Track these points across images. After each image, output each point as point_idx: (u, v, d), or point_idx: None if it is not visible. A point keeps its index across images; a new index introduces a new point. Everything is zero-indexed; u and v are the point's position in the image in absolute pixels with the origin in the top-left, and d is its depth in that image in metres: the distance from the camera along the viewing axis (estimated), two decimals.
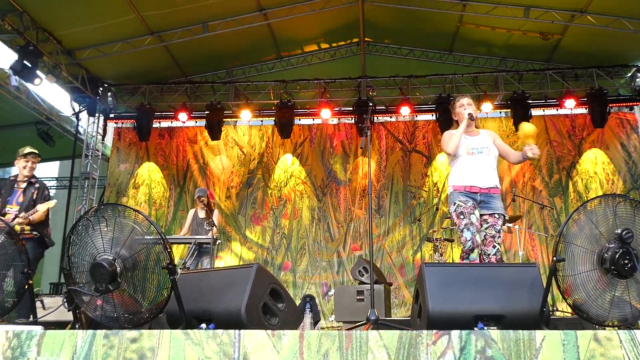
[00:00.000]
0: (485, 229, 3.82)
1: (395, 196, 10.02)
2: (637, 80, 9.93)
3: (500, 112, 10.34)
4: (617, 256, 2.64)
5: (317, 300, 9.42)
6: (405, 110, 9.76)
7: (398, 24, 9.79)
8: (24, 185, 5.11)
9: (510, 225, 7.81)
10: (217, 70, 10.66)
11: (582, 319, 2.83)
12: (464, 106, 4.08)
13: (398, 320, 4.49)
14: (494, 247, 3.79)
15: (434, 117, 10.02)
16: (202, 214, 7.01)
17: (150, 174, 10.48)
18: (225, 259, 9.75)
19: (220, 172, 10.43)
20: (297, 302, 7.72)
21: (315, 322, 3.81)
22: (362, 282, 6.85)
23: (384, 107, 10.42)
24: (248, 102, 10.22)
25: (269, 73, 10.71)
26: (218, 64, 10.50)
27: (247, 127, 10.69)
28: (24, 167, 5.14)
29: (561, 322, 5.01)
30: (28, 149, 5.19)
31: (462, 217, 3.78)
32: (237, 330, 2.36)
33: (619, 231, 2.64)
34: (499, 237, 3.82)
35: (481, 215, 3.84)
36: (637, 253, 2.65)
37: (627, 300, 2.77)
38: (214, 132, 10.17)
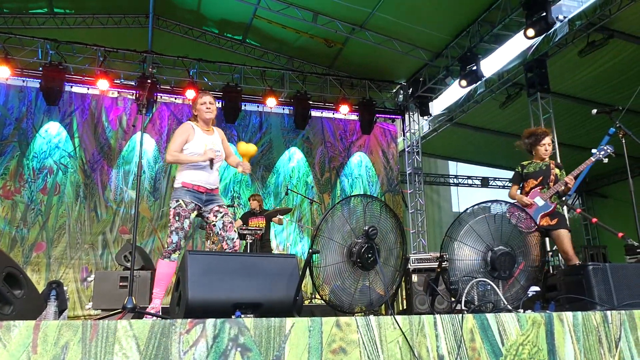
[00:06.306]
0: (222, 217, 3.93)
1: (173, 180, 9.69)
2: (400, 97, 11.38)
3: (284, 109, 10.80)
4: (362, 250, 2.94)
5: (74, 286, 8.63)
6: (191, 94, 9.49)
7: (190, 2, 9.49)
8: None
9: (282, 217, 8.20)
10: None
11: (331, 307, 3.08)
12: (206, 104, 3.98)
13: (162, 309, 4.32)
14: (235, 231, 3.95)
15: (220, 105, 9.86)
16: None
17: None
18: None
19: None
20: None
21: (61, 310, 3.43)
22: (127, 268, 6.46)
23: (169, 87, 10.00)
24: (8, 58, 8.78)
25: (38, 28, 9.37)
26: None
27: (4, 85, 9.20)
28: None
29: (317, 308, 5.40)
30: None
31: (177, 218, 3.81)
32: None
33: (366, 228, 2.94)
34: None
35: (211, 209, 3.95)
36: (379, 248, 2.99)
37: (372, 288, 3.12)
38: None
